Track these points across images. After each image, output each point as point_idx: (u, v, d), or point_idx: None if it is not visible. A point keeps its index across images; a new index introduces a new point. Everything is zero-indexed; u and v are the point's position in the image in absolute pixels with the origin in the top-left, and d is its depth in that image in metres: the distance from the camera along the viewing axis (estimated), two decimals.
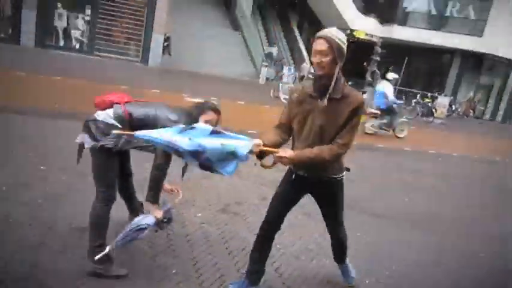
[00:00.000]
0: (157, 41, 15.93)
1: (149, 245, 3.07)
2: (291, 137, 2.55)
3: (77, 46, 15.67)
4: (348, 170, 2.60)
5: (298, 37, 25.16)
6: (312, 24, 27.02)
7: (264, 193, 4.65)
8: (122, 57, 16.17)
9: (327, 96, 2.25)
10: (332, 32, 2.24)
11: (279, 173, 5.25)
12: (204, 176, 4.81)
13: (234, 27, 22.11)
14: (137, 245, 3.02)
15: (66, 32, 15.41)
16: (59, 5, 15.02)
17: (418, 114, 17.18)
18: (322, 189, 2.59)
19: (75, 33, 15.53)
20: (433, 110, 17.56)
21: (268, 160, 2.39)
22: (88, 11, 15.46)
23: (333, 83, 2.23)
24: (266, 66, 19.47)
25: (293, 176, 2.56)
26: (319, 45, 2.21)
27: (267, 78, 19.38)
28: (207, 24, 20.18)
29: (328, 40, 2.20)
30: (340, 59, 2.23)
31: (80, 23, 15.55)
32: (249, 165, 5.11)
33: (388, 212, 4.89)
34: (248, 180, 5.03)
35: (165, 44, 16.91)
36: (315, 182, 2.54)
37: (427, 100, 18.40)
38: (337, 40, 2.21)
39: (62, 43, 15.40)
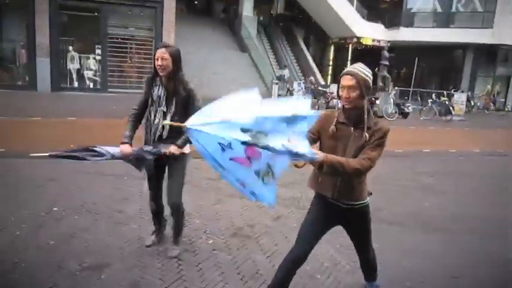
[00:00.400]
0: None
1: (160, 276, 3.05)
2: None
3: (91, 85, 16.17)
4: (370, 194, 2.61)
5: (306, 51, 25.30)
6: (318, 37, 27.23)
7: (277, 213, 4.59)
8: (135, 90, 16.53)
9: (364, 126, 2.38)
10: (357, 67, 2.36)
11: (292, 191, 5.21)
12: (216, 202, 4.81)
13: (241, 49, 22.42)
14: (147, 278, 3.01)
15: (80, 73, 15.96)
16: (71, 48, 15.60)
17: (435, 114, 16.85)
18: (353, 218, 2.62)
19: (87, 74, 16.05)
20: (451, 108, 17.19)
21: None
22: (98, 51, 15.99)
23: (365, 116, 2.36)
24: (277, 83, 19.61)
25: (321, 200, 2.61)
26: (347, 80, 2.33)
27: (279, 95, 19.46)
28: (213, 48, 20.54)
29: (355, 76, 2.31)
30: (367, 92, 2.35)
31: (92, 63, 16.09)
32: None
33: (407, 218, 4.74)
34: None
35: None
36: (345, 211, 2.55)
37: (443, 98, 18.03)
38: (362, 75, 2.33)
39: (76, 84, 15.92)
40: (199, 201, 4.73)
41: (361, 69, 2.36)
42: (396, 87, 18.76)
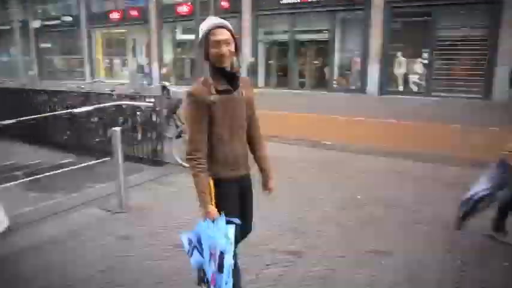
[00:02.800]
0: (501, 74, 14.32)
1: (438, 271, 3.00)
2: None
3: (415, 89, 16.44)
4: None
5: None
6: None
7: None
8: (461, 94, 15.48)
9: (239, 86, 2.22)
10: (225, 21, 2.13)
11: None
12: None
13: None
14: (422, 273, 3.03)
15: (405, 78, 16.55)
16: (399, 53, 16.38)
17: None
18: None
19: (412, 78, 16.44)
20: None
21: None
22: (425, 55, 16.01)
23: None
24: None
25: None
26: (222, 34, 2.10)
27: None
28: None
29: (229, 29, 2.12)
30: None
31: (418, 67, 16.29)
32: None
33: None
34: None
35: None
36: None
37: None
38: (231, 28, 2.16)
39: (400, 88, 16.62)
40: None
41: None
42: None
